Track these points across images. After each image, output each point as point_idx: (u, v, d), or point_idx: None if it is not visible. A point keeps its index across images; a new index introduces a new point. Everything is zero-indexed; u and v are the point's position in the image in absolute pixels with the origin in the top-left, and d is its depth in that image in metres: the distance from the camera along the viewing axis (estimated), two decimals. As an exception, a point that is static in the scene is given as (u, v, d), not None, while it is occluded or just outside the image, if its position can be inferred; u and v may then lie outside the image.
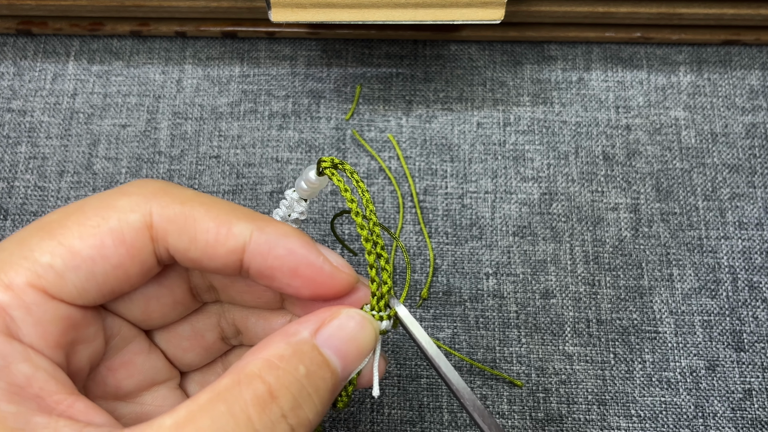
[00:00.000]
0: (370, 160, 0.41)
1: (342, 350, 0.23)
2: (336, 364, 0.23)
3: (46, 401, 0.21)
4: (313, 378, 0.22)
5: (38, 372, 0.21)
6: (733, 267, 0.38)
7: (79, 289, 0.22)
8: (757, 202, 0.40)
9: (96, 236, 0.22)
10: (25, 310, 0.21)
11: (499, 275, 0.38)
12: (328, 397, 0.23)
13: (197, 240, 0.23)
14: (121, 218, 0.23)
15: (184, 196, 0.23)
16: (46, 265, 0.22)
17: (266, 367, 0.21)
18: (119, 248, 0.23)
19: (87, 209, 0.23)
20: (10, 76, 0.43)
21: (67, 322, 0.23)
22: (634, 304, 0.37)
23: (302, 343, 0.22)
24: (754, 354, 0.36)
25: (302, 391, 0.22)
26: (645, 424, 0.35)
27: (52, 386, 0.22)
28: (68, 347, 0.23)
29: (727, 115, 0.42)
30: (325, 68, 0.43)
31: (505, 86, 0.42)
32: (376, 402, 0.36)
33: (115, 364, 0.27)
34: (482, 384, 0.36)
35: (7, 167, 0.41)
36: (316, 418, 0.22)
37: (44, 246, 0.22)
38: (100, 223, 0.22)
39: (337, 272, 0.24)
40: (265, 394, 0.21)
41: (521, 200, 0.40)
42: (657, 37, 0.42)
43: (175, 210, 0.23)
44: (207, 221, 0.23)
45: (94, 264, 0.22)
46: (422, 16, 0.35)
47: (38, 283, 0.22)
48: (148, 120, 0.42)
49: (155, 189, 0.24)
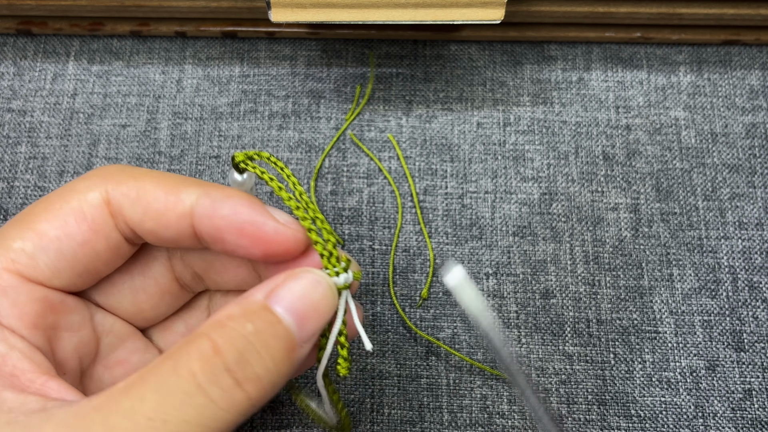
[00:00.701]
0: (370, 161, 0.41)
1: (295, 308, 0.23)
2: (289, 322, 0.23)
3: (19, 379, 0.22)
4: (262, 335, 0.22)
5: (12, 351, 0.23)
6: (733, 267, 0.38)
7: (51, 269, 0.24)
8: (757, 202, 0.40)
9: (59, 217, 0.24)
10: (1, 293, 0.23)
11: (499, 275, 0.38)
12: (283, 355, 0.22)
13: (150, 209, 0.24)
14: (81, 198, 0.24)
15: (138, 172, 0.25)
16: (19, 249, 0.24)
17: (214, 326, 0.22)
18: (81, 225, 0.24)
19: (52, 196, 0.25)
20: (10, 76, 0.43)
21: (44, 303, 0.24)
22: (634, 304, 0.37)
23: (252, 303, 0.23)
24: (754, 354, 0.36)
25: (249, 347, 0.22)
26: (645, 424, 0.35)
27: (26, 365, 0.23)
28: (49, 331, 0.24)
29: (727, 115, 0.42)
30: (325, 68, 0.43)
31: (505, 86, 0.42)
32: (376, 402, 0.36)
33: (110, 362, 0.27)
34: (482, 384, 0.36)
35: (7, 167, 0.41)
36: (270, 376, 0.22)
37: (16, 233, 0.24)
38: (63, 206, 0.24)
39: (282, 228, 0.24)
40: (209, 349, 0.21)
41: (521, 200, 0.40)
42: (657, 37, 0.42)
43: (129, 185, 0.25)
44: (157, 191, 0.24)
45: (60, 243, 0.24)
46: (422, 16, 0.35)
47: (13, 267, 0.23)
48: (148, 120, 0.42)
49: (113, 170, 0.25)
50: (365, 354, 0.36)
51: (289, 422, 0.35)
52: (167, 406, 0.20)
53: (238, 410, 0.21)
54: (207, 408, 0.20)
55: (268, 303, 0.23)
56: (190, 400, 0.20)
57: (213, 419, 0.21)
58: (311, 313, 0.24)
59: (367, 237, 0.39)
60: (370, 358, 0.36)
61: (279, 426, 0.35)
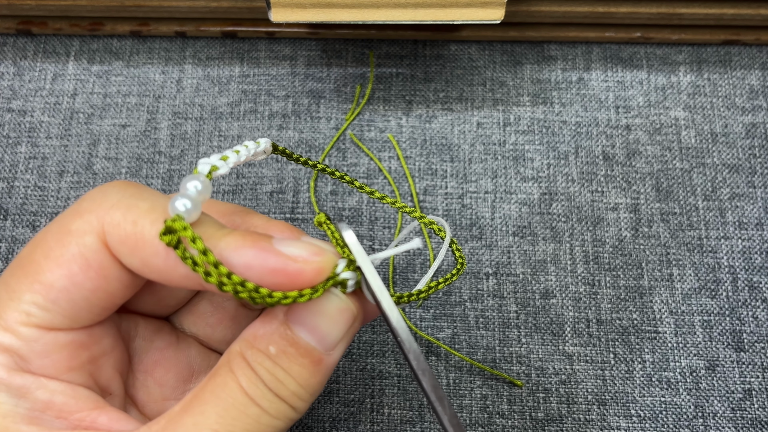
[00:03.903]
0: (370, 161, 0.41)
1: (313, 324, 0.24)
2: (308, 339, 0.23)
3: (68, 420, 0.23)
4: (285, 356, 0.23)
5: (55, 396, 0.23)
6: (733, 267, 0.38)
7: (68, 316, 0.23)
8: (757, 202, 0.40)
9: (62, 266, 0.23)
10: (28, 347, 0.23)
11: (499, 275, 0.38)
12: (310, 371, 0.23)
13: (149, 264, 0.22)
14: (79, 242, 0.23)
15: (137, 212, 0.22)
16: (30, 302, 0.23)
17: (245, 346, 0.23)
18: (88, 273, 0.23)
19: (48, 238, 0.23)
20: (10, 76, 0.43)
21: (73, 346, 0.24)
22: (634, 304, 0.37)
23: (273, 321, 0.24)
24: (754, 354, 0.36)
25: (275, 368, 0.23)
26: (645, 424, 0.35)
27: (73, 406, 0.23)
28: (86, 366, 0.24)
29: (727, 115, 0.42)
30: (325, 68, 0.43)
31: (505, 86, 0.42)
32: (376, 402, 0.36)
33: (148, 366, 0.27)
34: (482, 384, 0.36)
35: (7, 167, 0.41)
36: (303, 390, 0.23)
37: (23, 286, 0.23)
38: (63, 252, 0.23)
39: (304, 266, 0.23)
40: (247, 367, 0.23)
41: (521, 200, 0.40)
42: (657, 37, 0.42)
43: (126, 231, 0.22)
44: (156, 244, 0.22)
45: (70, 293, 0.23)
46: (422, 16, 0.35)
47: (29, 321, 0.23)
48: (148, 120, 0.42)
49: (107, 205, 0.23)
50: (365, 354, 0.37)
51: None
52: (228, 418, 0.22)
53: (288, 417, 0.23)
54: (262, 416, 0.22)
55: (288, 321, 0.23)
56: (246, 410, 0.22)
57: (269, 426, 0.23)
58: (331, 327, 0.24)
59: (367, 237, 0.39)
60: (370, 358, 0.36)
61: (279, 426, 0.35)
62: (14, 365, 0.23)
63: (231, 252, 0.22)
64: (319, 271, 0.23)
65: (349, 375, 0.36)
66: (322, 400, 0.36)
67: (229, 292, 0.21)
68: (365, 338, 0.37)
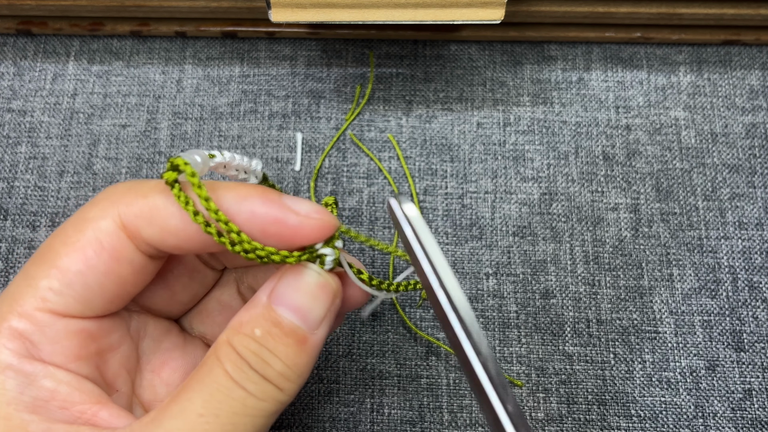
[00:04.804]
0: (370, 161, 0.41)
1: (294, 303, 0.24)
2: (291, 318, 0.24)
3: (70, 411, 0.23)
4: (270, 337, 0.24)
5: (60, 386, 0.23)
6: (733, 267, 0.38)
7: (81, 302, 0.24)
8: (757, 202, 0.40)
9: (78, 250, 0.24)
10: (40, 333, 0.23)
11: (499, 275, 0.38)
12: (295, 350, 0.24)
13: (168, 227, 0.24)
14: (95, 227, 0.24)
15: (145, 189, 0.24)
16: (46, 288, 0.23)
17: (231, 333, 0.24)
18: (102, 255, 0.24)
19: (67, 227, 0.24)
20: (10, 76, 0.43)
21: (83, 334, 0.24)
22: (634, 304, 0.37)
23: (257, 305, 0.24)
24: (754, 354, 0.36)
25: (261, 350, 0.23)
26: (645, 424, 0.35)
27: (76, 397, 0.24)
28: (93, 358, 0.25)
29: (727, 115, 0.42)
30: (325, 68, 0.43)
31: (505, 86, 0.42)
32: (376, 402, 0.36)
33: (156, 365, 0.28)
34: (482, 384, 0.36)
35: (7, 167, 0.41)
36: (290, 370, 0.24)
37: (40, 272, 0.24)
38: (80, 238, 0.24)
39: (305, 220, 0.24)
40: (232, 353, 0.23)
41: (521, 200, 0.40)
42: (657, 37, 0.42)
43: (140, 204, 0.24)
44: (170, 207, 0.23)
45: (84, 276, 0.24)
46: (422, 16, 0.35)
47: (44, 306, 0.23)
48: (148, 120, 0.42)
49: (119, 192, 0.25)
50: (365, 354, 0.37)
51: (290, 422, 0.35)
52: (213, 402, 0.22)
53: (275, 399, 0.24)
54: (248, 399, 0.23)
55: (271, 303, 0.24)
56: (231, 393, 0.23)
57: (255, 408, 0.23)
58: (312, 303, 0.24)
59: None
60: (370, 358, 0.36)
61: (279, 426, 0.35)
62: (25, 352, 0.23)
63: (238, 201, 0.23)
64: (320, 229, 0.24)
65: (349, 375, 0.36)
66: (322, 400, 0.36)
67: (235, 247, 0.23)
68: (365, 338, 0.37)
